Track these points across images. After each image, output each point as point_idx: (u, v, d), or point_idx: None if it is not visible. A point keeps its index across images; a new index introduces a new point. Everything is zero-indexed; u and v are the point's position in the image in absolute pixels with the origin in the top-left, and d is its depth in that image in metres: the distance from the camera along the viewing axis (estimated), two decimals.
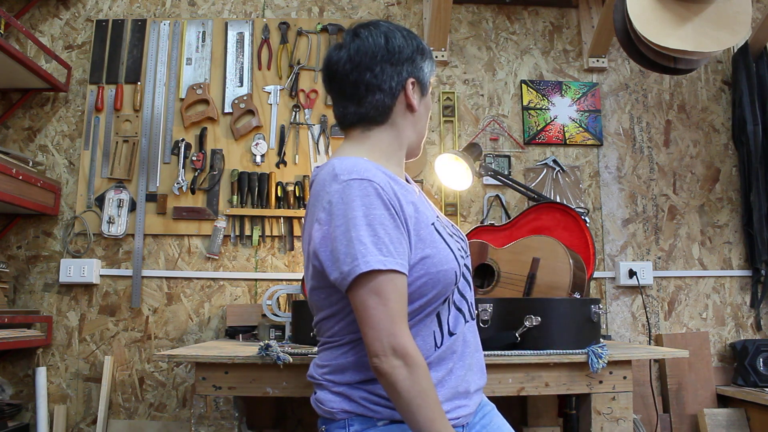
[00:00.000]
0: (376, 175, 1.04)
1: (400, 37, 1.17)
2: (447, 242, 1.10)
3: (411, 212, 1.07)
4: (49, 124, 2.59)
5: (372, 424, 1.07)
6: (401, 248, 1.01)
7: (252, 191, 2.50)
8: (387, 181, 1.05)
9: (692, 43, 2.00)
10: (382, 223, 1.00)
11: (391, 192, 1.04)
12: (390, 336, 0.97)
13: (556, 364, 1.59)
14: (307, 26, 2.65)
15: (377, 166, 1.09)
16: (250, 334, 2.20)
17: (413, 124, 1.20)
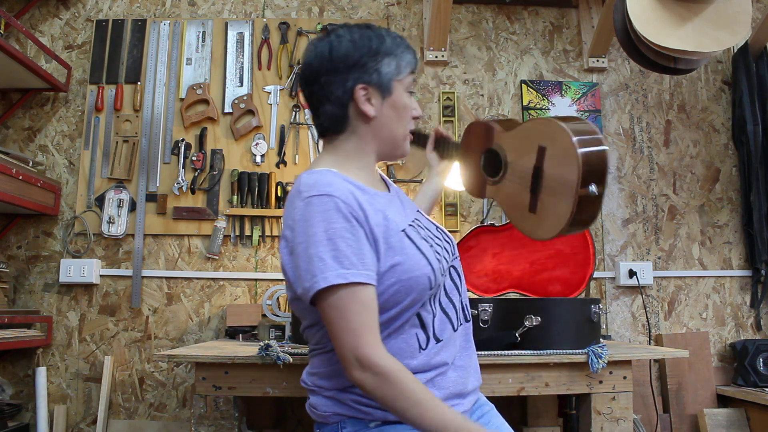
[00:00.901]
0: (337, 188, 1.05)
1: (347, 43, 1.14)
2: (419, 248, 1.09)
3: (379, 220, 1.07)
4: (49, 124, 2.59)
5: (364, 426, 1.08)
6: (366, 259, 1.02)
7: (252, 191, 2.50)
8: (349, 192, 1.06)
9: (692, 43, 2.00)
10: (342, 236, 1.01)
11: (353, 203, 1.04)
12: (353, 349, 0.99)
13: (556, 364, 1.59)
14: (307, 26, 2.65)
15: (344, 177, 1.10)
16: (250, 334, 2.20)
17: (376, 130, 1.16)
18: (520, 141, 1.32)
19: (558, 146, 1.22)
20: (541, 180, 1.26)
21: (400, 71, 1.16)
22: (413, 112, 1.20)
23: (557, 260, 2.07)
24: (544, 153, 1.25)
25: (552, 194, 1.24)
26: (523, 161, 1.30)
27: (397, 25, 2.69)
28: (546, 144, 1.25)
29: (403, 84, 1.17)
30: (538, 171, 1.26)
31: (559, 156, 1.22)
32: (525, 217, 1.31)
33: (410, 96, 1.19)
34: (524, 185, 1.29)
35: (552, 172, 1.23)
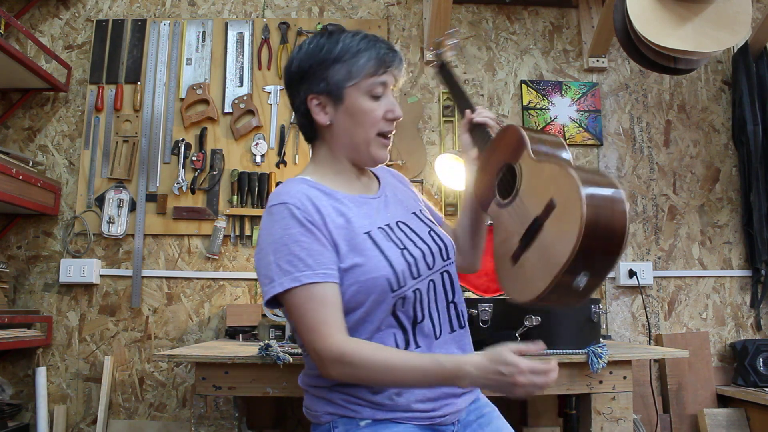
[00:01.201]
0: (292, 196, 1.11)
1: (302, 54, 1.17)
2: (382, 250, 1.10)
3: (340, 223, 1.11)
4: (49, 124, 2.59)
5: (355, 424, 1.11)
6: (322, 258, 1.07)
7: (252, 191, 2.50)
8: (306, 198, 1.11)
9: (692, 43, 2.00)
10: (297, 240, 1.07)
11: (309, 208, 1.10)
12: (311, 344, 1.05)
13: (556, 364, 1.59)
14: (307, 26, 2.65)
15: (313, 184, 1.16)
16: (250, 334, 2.20)
17: (336, 137, 1.18)
18: (541, 179, 1.11)
19: (566, 216, 1.01)
20: (535, 235, 1.08)
21: (352, 77, 1.13)
22: (388, 114, 1.16)
23: None
24: (551, 210, 1.06)
25: (537, 258, 1.08)
26: (531, 202, 1.12)
27: (397, 25, 2.69)
28: (558, 202, 1.04)
29: (360, 88, 1.14)
30: (537, 224, 1.08)
31: (561, 226, 1.03)
32: (505, 261, 1.17)
33: (375, 99, 1.15)
34: (520, 228, 1.12)
35: (547, 236, 1.06)
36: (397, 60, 1.17)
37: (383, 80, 1.15)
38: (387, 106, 1.16)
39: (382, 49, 1.15)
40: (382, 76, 1.15)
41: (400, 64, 1.18)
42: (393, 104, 1.17)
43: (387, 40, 1.22)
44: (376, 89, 1.15)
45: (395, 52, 1.17)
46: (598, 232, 0.97)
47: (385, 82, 1.15)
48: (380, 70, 1.14)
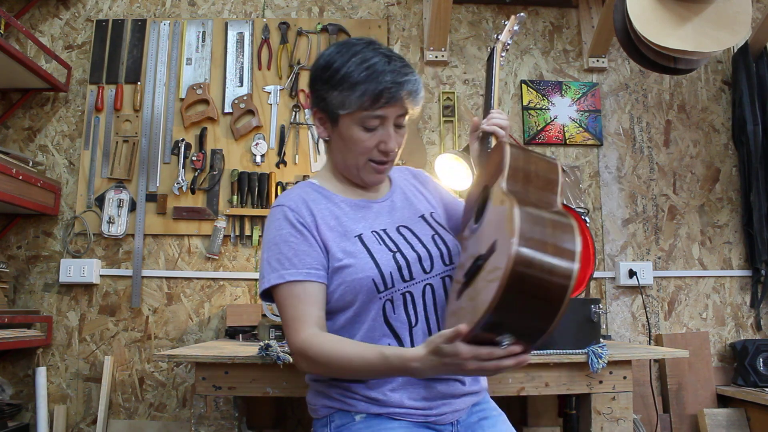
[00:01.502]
0: (289, 198, 1.19)
1: (316, 66, 1.19)
2: (371, 252, 1.13)
3: (333, 224, 1.17)
4: (49, 124, 2.59)
5: (351, 418, 1.14)
6: (307, 258, 1.13)
7: (252, 191, 2.50)
8: (301, 202, 1.18)
9: (692, 43, 2.00)
10: (286, 240, 1.14)
11: (303, 210, 1.16)
12: (287, 338, 1.12)
13: (556, 364, 1.59)
14: (307, 26, 2.65)
15: (313, 187, 1.22)
16: (250, 334, 2.20)
17: (334, 152, 1.22)
18: (498, 214, 0.99)
19: (496, 267, 0.89)
20: (475, 275, 0.97)
21: (345, 106, 1.13)
22: (380, 146, 1.15)
23: None
24: (493, 250, 0.93)
25: (467, 301, 0.99)
26: (484, 237, 1.01)
27: (397, 25, 2.69)
28: (497, 248, 0.92)
29: (353, 118, 1.13)
30: (478, 263, 0.97)
31: (489, 275, 0.91)
32: (454, 291, 1.09)
33: (368, 131, 1.14)
34: (469, 261, 1.02)
35: (480, 280, 0.95)
36: (402, 94, 1.12)
37: (379, 114, 1.13)
38: (380, 137, 1.15)
39: (384, 83, 1.10)
40: (377, 111, 1.12)
41: (410, 97, 1.13)
42: (388, 136, 1.14)
43: (402, 68, 1.14)
44: (370, 122, 1.14)
45: (400, 86, 1.11)
46: (521, 297, 0.85)
47: (382, 116, 1.13)
48: (376, 105, 1.11)
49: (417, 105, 1.16)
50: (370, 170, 1.19)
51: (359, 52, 1.14)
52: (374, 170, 1.19)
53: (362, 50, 1.14)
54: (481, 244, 1.00)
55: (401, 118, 1.16)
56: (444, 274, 1.19)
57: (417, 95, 1.15)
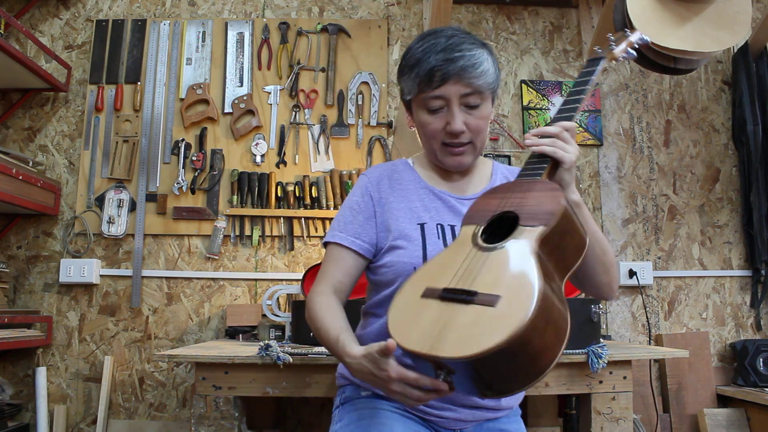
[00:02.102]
0: (375, 170, 1.27)
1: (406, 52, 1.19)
2: (425, 243, 1.15)
3: (401, 207, 1.20)
4: (49, 124, 2.59)
5: (358, 393, 1.20)
6: (359, 229, 1.20)
7: (252, 191, 2.50)
8: (383, 176, 1.24)
9: (692, 43, 2.00)
10: (352, 207, 1.22)
11: (377, 184, 1.23)
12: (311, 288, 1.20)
13: (556, 364, 1.59)
14: (307, 26, 2.65)
15: (406, 166, 1.27)
16: (250, 334, 2.20)
17: (419, 138, 1.23)
18: (519, 268, 0.92)
19: (489, 319, 0.87)
20: (458, 302, 0.93)
21: (409, 91, 1.16)
22: (447, 127, 1.13)
23: None
24: (490, 304, 0.88)
25: (435, 323, 0.94)
26: (488, 273, 0.94)
27: (397, 25, 2.69)
28: (500, 306, 0.88)
29: (418, 102, 1.15)
30: (468, 297, 0.91)
31: (476, 323, 0.88)
32: (417, 286, 1.04)
33: (432, 113, 1.13)
34: (456, 278, 0.97)
35: (461, 317, 0.91)
36: (454, 69, 1.08)
37: (437, 94, 1.11)
38: (447, 118, 1.13)
39: (434, 62, 1.09)
40: (435, 90, 1.11)
41: (465, 72, 1.09)
42: (452, 116, 1.12)
43: (459, 45, 1.11)
44: (431, 103, 1.13)
45: (450, 62, 1.09)
46: (490, 369, 0.84)
47: (442, 96, 1.11)
48: (433, 85, 1.10)
49: (480, 81, 1.10)
50: (446, 153, 1.17)
51: (429, 37, 1.13)
52: (449, 153, 1.17)
53: (434, 34, 1.13)
54: (478, 274, 0.94)
55: (469, 98, 1.11)
56: None
57: (475, 69, 1.09)
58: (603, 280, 1.14)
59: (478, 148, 1.18)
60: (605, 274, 1.14)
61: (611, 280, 1.14)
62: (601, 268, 1.13)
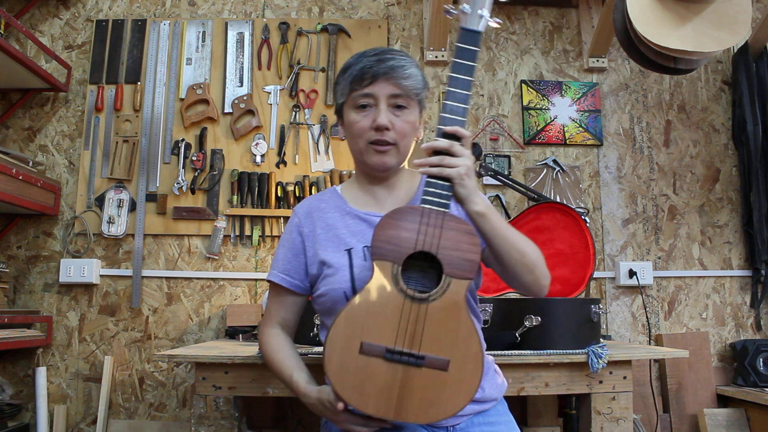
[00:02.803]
0: (302, 205, 1.30)
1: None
2: (353, 267, 1.17)
3: (329, 236, 1.23)
4: (49, 124, 2.59)
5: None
6: (289, 266, 1.26)
7: (252, 191, 2.50)
8: (309, 210, 1.28)
9: (692, 43, 2.00)
10: (283, 244, 1.28)
11: (306, 219, 1.27)
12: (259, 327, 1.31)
13: (556, 364, 1.59)
14: (307, 26, 2.65)
15: (332, 194, 1.30)
16: (250, 334, 2.20)
17: (348, 146, 1.28)
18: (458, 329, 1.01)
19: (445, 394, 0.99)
20: (407, 364, 1.00)
21: (342, 93, 1.22)
22: (373, 123, 1.16)
23: (557, 260, 2.07)
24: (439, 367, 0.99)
25: (386, 382, 1.02)
26: (431, 332, 1.01)
27: (397, 25, 2.69)
28: (450, 372, 0.99)
29: (349, 103, 1.21)
30: (418, 360, 0.99)
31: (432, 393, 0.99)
32: (352, 341, 1.07)
33: (360, 111, 1.18)
34: (402, 336, 1.01)
35: (416, 379, 1.00)
36: (383, 68, 1.16)
37: (366, 92, 1.17)
38: (374, 116, 1.17)
39: (367, 62, 1.17)
40: (365, 89, 1.17)
41: (393, 72, 1.16)
42: (378, 113, 1.16)
43: (392, 51, 1.21)
44: (360, 100, 1.18)
45: (381, 62, 1.16)
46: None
47: (370, 94, 1.17)
48: (363, 83, 1.17)
49: (407, 82, 1.17)
50: (371, 152, 1.19)
51: (365, 51, 1.22)
52: (374, 151, 1.19)
53: (368, 50, 1.23)
54: (422, 333, 0.99)
55: (397, 99, 1.18)
56: None
57: (403, 70, 1.17)
58: (528, 280, 1.14)
59: (401, 152, 1.21)
60: (530, 274, 1.13)
61: (538, 278, 1.14)
62: (523, 269, 1.12)
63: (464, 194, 1.08)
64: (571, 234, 2.09)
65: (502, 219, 1.13)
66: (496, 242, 1.11)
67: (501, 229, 1.11)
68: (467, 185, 1.07)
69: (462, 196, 1.08)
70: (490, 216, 1.09)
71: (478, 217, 1.08)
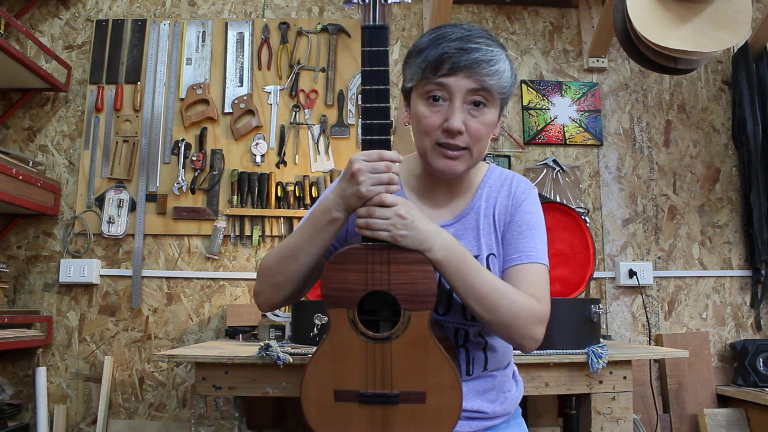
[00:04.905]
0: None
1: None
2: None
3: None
4: (49, 124, 2.59)
5: None
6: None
7: (252, 191, 2.50)
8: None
9: (692, 43, 2.00)
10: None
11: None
12: None
13: (556, 364, 1.59)
14: (307, 26, 2.65)
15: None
16: (250, 334, 2.20)
17: (414, 137, 1.12)
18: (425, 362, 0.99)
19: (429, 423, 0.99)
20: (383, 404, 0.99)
21: (412, 77, 1.05)
22: (444, 124, 1.02)
23: (557, 260, 2.07)
24: (416, 401, 0.98)
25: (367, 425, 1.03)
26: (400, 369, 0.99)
27: (397, 25, 2.69)
28: (429, 405, 0.98)
29: (419, 91, 1.05)
30: (393, 399, 0.99)
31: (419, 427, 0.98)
32: (325, 388, 1.06)
33: (432, 104, 1.03)
34: (371, 379, 1.00)
35: (398, 417, 1.00)
36: (466, 60, 0.99)
37: (441, 82, 1.01)
38: (446, 113, 1.02)
39: (447, 48, 1.00)
40: (441, 79, 1.01)
41: (478, 66, 0.99)
42: (452, 112, 1.01)
43: (477, 38, 1.02)
44: (433, 91, 1.02)
45: (465, 51, 0.99)
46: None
47: (445, 85, 1.01)
48: (439, 72, 1.00)
49: (492, 80, 1.00)
50: (438, 154, 1.04)
51: (445, 27, 1.04)
52: (442, 155, 1.03)
53: (451, 25, 1.04)
54: (392, 371, 0.98)
55: (476, 95, 1.02)
56: (459, 326, 1.10)
57: (489, 65, 1.00)
58: (505, 337, 1.02)
59: (474, 158, 1.06)
60: (505, 332, 1.00)
61: (514, 338, 1.01)
62: (493, 327, 1.00)
63: (414, 246, 0.96)
64: (571, 234, 2.09)
65: (469, 265, 0.98)
66: (458, 292, 0.99)
67: (464, 278, 0.98)
68: (410, 236, 0.95)
69: (412, 248, 0.96)
70: (448, 264, 0.97)
71: (436, 265, 0.97)
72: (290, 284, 1.06)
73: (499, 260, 1.10)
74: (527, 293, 1.02)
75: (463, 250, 0.99)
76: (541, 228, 1.11)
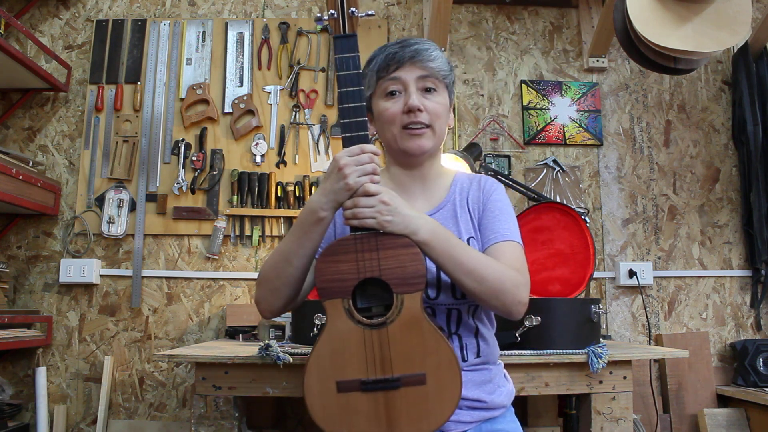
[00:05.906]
0: None
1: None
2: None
3: (341, 227, 1.21)
4: (49, 124, 2.59)
5: None
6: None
7: (252, 191, 2.50)
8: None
9: (692, 43, 2.00)
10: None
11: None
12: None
13: (556, 364, 1.59)
14: (307, 26, 2.65)
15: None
16: (250, 334, 2.20)
17: (381, 141, 1.25)
18: (421, 345, 1.03)
19: (433, 403, 1.01)
20: (385, 390, 1.02)
21: (369, 85, 1.21)
22: (405, 106, 1.16)
23: (557, 260, 2.07)
24: (418, 383, 1.01)
25: (371, 411, 1.05)
26: (399, 354, 1.03)
27: (397, 25, 2.69)
28: (430, 384, 1.01)
29: (377, 94, 1.20)
30: (394, 383, 1.02)
31: (425, 405, 1.01)
32: (326, 380, 1.08)
33: (390, 98, 1.18)
34: (370, 368, 1.03)
35: (402, 401, 1.02)
36: (408, 53, 1.16)
37: (394, 76, 1.17)
38: (404, 100, 1.17)
39: (391, 50, 1.18)
40: (393, 73, 1.17)
41: (419, 56, 1.16)
42: (409, 96, 1.16)
43: (414, 38, 1.21)
44: (389, 87, 1.18)
45: (405, 48, 1.17)
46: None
47: (398, 78, 1.17)
48: (390, 69, 1.17)
49: (433, 64, 1.17)
50: (406, 136, 1.17)
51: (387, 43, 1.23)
52: (409, 135, 1.17)
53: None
54: (390, 357, 1.01)
55: (425, 81, 1.17)
56: (451, 306, 1.17)
57: (427, 53, 1.17)
58: (493, 305, 1.09)
59: (437, 134, 1.19)
60: (494, 300, 1.08)
61: (504, 304, 1.08)
62: (483, 296, 1.07)
63: (399, 231, 1.03)
64: (571, 234, 2.09)
65: (454, 243, 1.07)
66: (446, 270, 1.06)
67: (451, 255, 1.05)
68: (395, 222, 1.03)
69: (398, 233, 1.03)
70: (435, 244, 1.04)
71: (423, 246, 1.04)
72: (288, 288, 1.13)
73: (478, 243, 1.19)
74: (507, 266, 1.12)
75: (446, 231, 1.08)
76: (513, 215, 1.22)
